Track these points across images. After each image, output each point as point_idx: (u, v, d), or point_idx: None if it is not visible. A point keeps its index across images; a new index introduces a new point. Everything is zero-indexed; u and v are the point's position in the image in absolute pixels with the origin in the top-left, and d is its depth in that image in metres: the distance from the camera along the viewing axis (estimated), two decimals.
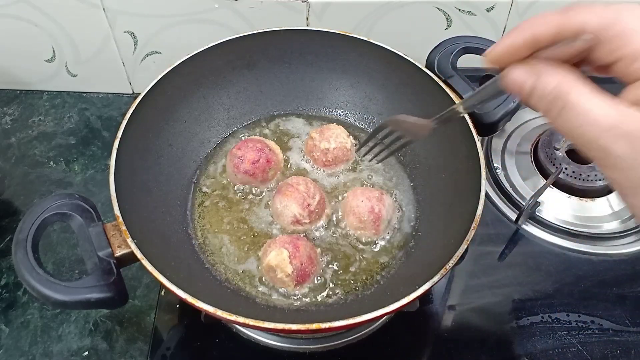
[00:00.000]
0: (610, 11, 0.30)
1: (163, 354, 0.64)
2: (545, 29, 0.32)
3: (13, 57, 0.92)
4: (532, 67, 0.33)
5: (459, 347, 0.65)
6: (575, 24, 0.31)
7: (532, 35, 0.33)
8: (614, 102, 0.31)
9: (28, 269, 0.50)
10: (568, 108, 0.32)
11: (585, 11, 0.31)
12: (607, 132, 0.30)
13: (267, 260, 0.60)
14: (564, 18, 0.32)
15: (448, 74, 0.68)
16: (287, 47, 0.75)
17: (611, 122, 0.30)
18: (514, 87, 0.35)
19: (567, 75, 0.32)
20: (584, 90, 0.31)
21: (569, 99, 0.31)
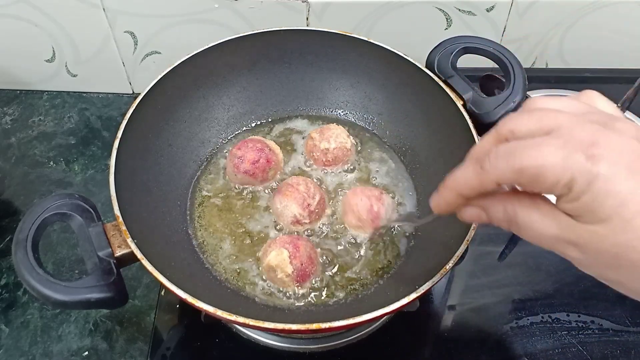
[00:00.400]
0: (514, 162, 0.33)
1: (163, 354, 0.64)
2: (468, 190, 0.37)
3: (13, 57, 0.92)
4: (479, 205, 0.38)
5: (459, 347, 0.65)
6: (490, 183, 0.35)
7: (461, 195, 0.38)
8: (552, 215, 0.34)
9: (28, 269, 0.50)
10: (521, 227, 0.36)
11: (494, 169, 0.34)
12: (556, 240, 0.34)
13: (267, 260, 0.60)
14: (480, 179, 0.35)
15: (448, 74, 0.68)
16: (287, 47, 0.75)
17: (554, 234, 0.34)
18: (473, 220, 0.39)
19: (507, 201, 0.36)
20: (525, 210, 0.35)
21: (517, 221, 0.36)
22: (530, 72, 0.70)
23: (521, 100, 0.66)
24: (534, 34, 0.91)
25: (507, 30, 0.89)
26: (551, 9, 0.87)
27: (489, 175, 0.34)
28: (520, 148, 0.33)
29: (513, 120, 0.35)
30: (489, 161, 0.34)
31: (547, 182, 0.32)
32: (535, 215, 0.35)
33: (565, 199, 0.32)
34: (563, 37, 0.91)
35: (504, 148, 0.34)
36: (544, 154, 0.32)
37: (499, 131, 0.36)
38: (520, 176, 0.33)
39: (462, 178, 0.37)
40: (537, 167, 0.32)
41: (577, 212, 0.33)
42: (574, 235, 0.33)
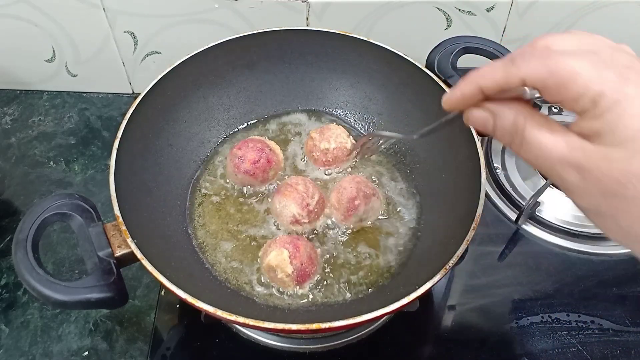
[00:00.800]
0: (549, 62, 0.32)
1: (163, 354, 0.64)
2: (490, 83, 0.36)
3: (13, 57, 0.92)
4: (488, 109, 0.37)
5: (459, 347, 0.65)
6: (516, 78, 0.34)
7: (479, 88, 0.36)
8: (563, 134, 0.34)
9: (28, 269, 0.50)
10: (525, 142, 0.35)
11: (525, 65, 0.33)
12: (559, 162, 0.33)
13: (267, 260, 0.61)
14: (507, 72, 0.34)
15: (448, 74, 0.68)
16: (287, 47, 0.75)
17: (560, 153, 0.33)
18: (478, 125, 0.38)
19: (519, 112, 0.35)
20: (536, 124, 0.34)
21: (525, 134, 0.35)
22: None
23: None
24: (534, 34, 0.91)
25: (507, 30, 0.89)
26: (551, 9, 0.87)
27: (519, 70, 0.33)
28: (558, 54, 0.32)
29: (551, 37, 0.35)
30: (524, 57, 0.33)
31: (575, 90, 0.31)
32: (546, 131, 0.34)
33: (587, 114, 0.32)
34: None
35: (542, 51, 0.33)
36: (581, 63, 0.31)
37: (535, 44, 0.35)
38: (551, 77, 0.32)
39: (489, 69, 0.36)
40: (571, 72, 0.31)
41: (596, 130, 0.32)
42: (582, 156, 0.32)
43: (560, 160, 0.33)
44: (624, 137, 0.30)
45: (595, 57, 0.32)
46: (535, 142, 0.34)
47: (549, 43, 0.34)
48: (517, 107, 0.36)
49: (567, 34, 0.35)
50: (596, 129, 0.32)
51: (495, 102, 0.37)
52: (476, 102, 0.37)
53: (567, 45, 0.34)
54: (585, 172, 0.32)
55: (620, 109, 0.30)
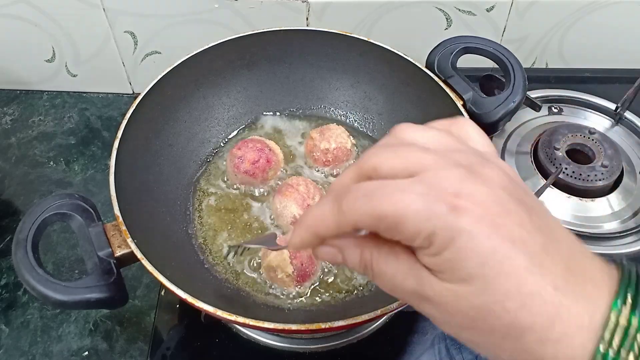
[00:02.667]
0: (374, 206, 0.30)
1: (163, 354, 0.64)
2: (325, 231, 0.33)
3: (13, 57, 0.92)
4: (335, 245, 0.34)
5: (459, 347, 0.65)
6: (347, 226, 0.31)
7: (317, 235, 0.34)
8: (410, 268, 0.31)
9: (28, 269, 0.50)
10: (377, 276, 0.33)
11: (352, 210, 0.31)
12: (412, 295, 0.32)
13: (267, 261, 0.60)
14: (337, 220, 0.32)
15: (448, 74, 0.68)
16: (287, 47, 0.75)
17: (411, 288, 0.31)
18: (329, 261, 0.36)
19: (365, 246, 0.33)
20: (382, 258, 0.32)
21: (374, 270, 0.33)
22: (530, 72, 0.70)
23: (521, 100, 0.66)
24: (534, 34, 0.91)
25: (507, 30, 0.89)
26: (551, 9, 0.87)
27: (347, 217, 0.31)
28: (380, 191, 0.30)
29: (376, 156, 0.32)
30: (347, 202, 0.31)
31: (406, 233, 0.29)
32: (393, 266, 0.32)
33: (425, 252, 0.30)
34: (563, 37, 0.91)
35: (364, 188, 0.31)
36: (406, 202, 0.29)
37: (361, 166, 0.32)
38: (379, 223, 0.30)
39: (319, 218, 0.33)
40: (397, 216, 0.29)
41: (437, 268, 0.30)
42: (431, 292, 0.31)
43: (412, 294, 0.32)
44: (467, 274, 0.29)
45: (422, 187, 0.29)
46: (384, 276, 0.32)
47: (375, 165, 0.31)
48: (362, 241, 0.33)
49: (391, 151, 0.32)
50: (438, 266, 0.30)
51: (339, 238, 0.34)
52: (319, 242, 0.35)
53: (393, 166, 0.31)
54: (438, 306, 0.31)
55: (457, 246, 0.28)
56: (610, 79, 0.93)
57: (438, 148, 0.32)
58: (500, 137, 0.84)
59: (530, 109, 0.81)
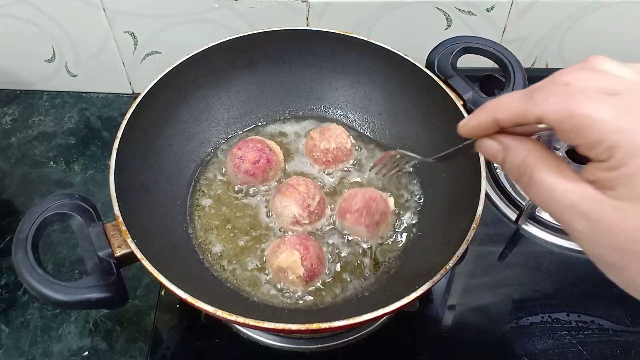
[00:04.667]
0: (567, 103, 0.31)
1: (163, 354, 0.64)
2: (506, 116, 0.34)
3: (13, 57, 0.92)
4: (501, 141, 0.36)
5: (459, 347, 0.65)
6: (532, 115, 0.32)
7: (495, 120, 0.35)
8: (574, 180, 0.32)
9: (28, 269, 0.50)
10: (533, 183, 0.34)
11: (544, 103, 0.32)
12: (568, 209, 0.32)
13: (277, 262, 0.60)
14: (524, 108, 0.33)
15: (448, 74, 0.68)
16: (287, 47, 0.75)
17: (570, 201, 0.32)
18: (488, 156, 0.37)
19: (531, 151, 0.34)
20: (547, 167, 0.33)
21: (534, 176, 0.34)
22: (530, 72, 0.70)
23: None
24: (534, 34, 0.91)
25: (507, 30, 0.89)
26: (551, 9, 0.87)
27: (536, 106, 0.32)
28: (579, 93, 0.31)
29: (573, 73, 0.33)
30: (542, 93, 0.32)
31: (591, 138, 0.30)
32: (556, 176, 0.32)
33: (600, 165, 0.30)
34: (563, 37, 0.91)
35: (564, 89, 0.32)
36: (601, 108, 0.29)
37: (555, 79, 0.33)
38: (568, 120, 0.30)
39: (506, 101, 0.34)
40: (588, 118, 0.29)
41: (609, 183, 0.30)
42: (593, 207, 0.31)
43: (569, 207, 0.32)
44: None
45: (617, 103, 0.30)
46: (543, 185, 0.33)
47: (572, 79, 0.32)
48: (530, 145, 0.35)
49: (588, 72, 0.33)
50: (610, 180, 0.30)
51: (509, 136, 0.36)
52: (490, 132, 0.36)
53: (590, 84, 0.32)
54: (595, 223, 0.31)
55: (637, 163, 0.29)
56: None
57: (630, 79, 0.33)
58: None
59: None
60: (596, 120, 0.29)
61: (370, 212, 0.64)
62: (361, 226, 0.64)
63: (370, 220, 0.64)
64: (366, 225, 0.64)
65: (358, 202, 0.64)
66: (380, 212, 0.64)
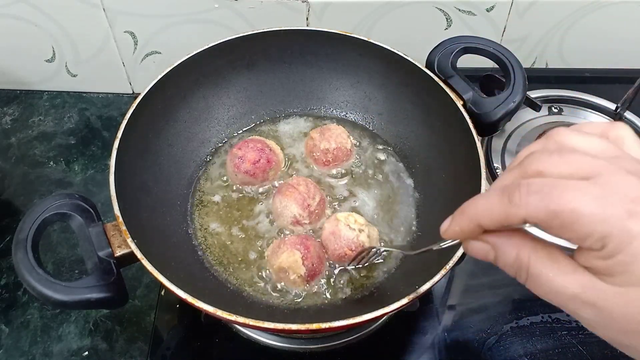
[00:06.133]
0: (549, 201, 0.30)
1: (163, 354, 0.64)
2: (490, 221, 0.34)
3: (13, 57, 0.92)
4: (490, 242, 0.35)
5: (459, 347, 0.65)
6: (517, 218, 0.32)
7: (479, 225, 0.34)
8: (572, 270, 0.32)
9: (28, 269, 0.50)
10: (531, 278, 0.33)
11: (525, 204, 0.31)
12: (572, 300, 0.32)
13: (278, 262, 0.60)
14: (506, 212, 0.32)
15: (448, 74, 0.68)
16: (287, 47, 0.75)
17: (572, 292, 0.31)
18: (478, 257, 0.36)
19: (522, 246, 0.34)
20: (541, 260, 0.33)
21: (530, 271, 0.33)
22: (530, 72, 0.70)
23: (521, 100, 0.66)
24: (534, 34, 0.91)
25: (507, 30, 0.89)
26: (551, 9, 0.87)
27: (518, 210, 0.31)
28: (557, 187, 0.30)
29: (542, 160, 0.32)
30: (520, 195, 0.31)
31: (580, 232, 0.29)
32: (553, 269, 0.32)
33: (594, 254, 0.30)
34: (563, 37, 0.91)
35: (538, 183, 0.31)
36: (583, 201, 0.29)
37: (525, 170, 0.33)
38: (553, 218, 0.30)
39: (485, 208, 0.34)
40: (573, 213, 0.29)
41: (607, 271, 0.30)
42: (596, 296, 0.31)
43: (573, 298, 0.32)
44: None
45: (597, 189, 0.29)
46: (542, 279, 0.32)
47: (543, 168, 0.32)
48: (519, 240, 0.34)
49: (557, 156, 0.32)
50: (608, 268, 0.30)
51: (495, 235, 0.35)
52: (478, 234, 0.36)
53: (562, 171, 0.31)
54: (601, 310, 0.31)
55: (632, 249, 0.29)
56: (610, 79, 0.93)
57: (600, 155, 0.32)
58: (500, 137, 0.84)
59: (530, 109, 0.81)
60: (582, 215, 0.29)
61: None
62: None
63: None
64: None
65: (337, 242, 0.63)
66: None
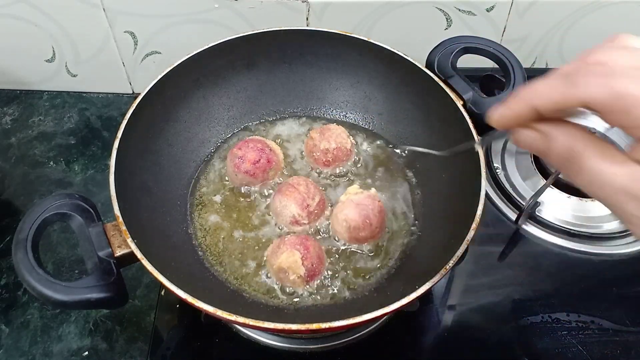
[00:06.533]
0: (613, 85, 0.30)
1: (163, 354, 0.64)
2: (547, 103, 0.33)
3: (13, 57, 0.92)
4: (543, 131, 0.34)
5: (459, 347, 0.65)
6: (576, 100, 0.31)
7: (534, 108, 0.34)
8: (625, 163, 0.32)
9: (28, 269, 0.50)
10: (583, 170, 0.33)
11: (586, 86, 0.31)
12: (619, 192, 0.32)
13: (278, 262, 0.60)
14: (566, 93, 0.32)
15: (448, 74, 0.68)
16: (287, 47, 0.75)
17: (622, 184, 0.31)
18: (529, 148, 0.36)
19: (576, 137, 0.33)
20: (595, 152, 0.32)
21: (582, 162, 0.33)
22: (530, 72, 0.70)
23: None
24: (534, 34, 0.91)
25: (507, 30, 0.89)
26: (551, 9, 0.87)
27: (579, 91, 0.31)
28: (621, 74, 0.30)
29: (606, 53, 0.32)
30: (584, 76, 0.31)
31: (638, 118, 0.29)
32: (606, 161, 0.32)
33: None
34: (563, 37, 0.91)
35: (603, 69, 0.31)
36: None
37: (588, 59, 0.32)
38: (617, 101, 0.30)
39: (544, 89, 0.33)
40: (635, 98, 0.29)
41: None
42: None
43: (621, 190, 0.32)
44: None
45: None
46: (594, 171, 0.32)
47: (606, 59, 0.32)
48: (573, 131, 0.33)
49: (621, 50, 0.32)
50: None
51: (548, 124, 0.34)
52: (529, 121, 0.35)
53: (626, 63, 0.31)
54: None
55: None
56: None
57: None
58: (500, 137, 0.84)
59: None
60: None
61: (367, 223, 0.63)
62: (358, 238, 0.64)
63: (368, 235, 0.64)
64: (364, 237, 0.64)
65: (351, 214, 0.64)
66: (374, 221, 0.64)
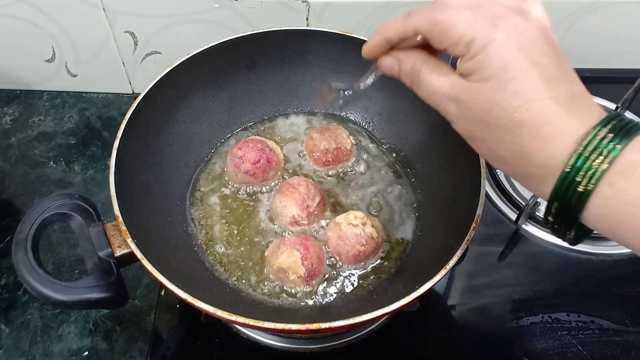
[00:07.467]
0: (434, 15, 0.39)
1: (163, 354, 0.64)
2: (392, 33, 0.43)
3: (13, 57, 0.92)
4: (395, 56, 0.44)
5: (459, 347, 0.65)
6: (410, 29, 0.41)
7: (385, 38, 0.44)
8: (448, 74, 0.41)
9: (28, 269, 0.50)
10: (419, 82, 0.42)
11: (417, 17, 0.41)
12: (442, 96, 0.41)
13: (278, 262, 0.60)
14: (403, 24, 0.42)
15: None
16: (287, 47, 0.75)
17: (444, 89, 0.40)
18: (388, 70, 0.46)
19: (417, 58, 0.43)
20: (429, 68, 0.42)
21: (420, 76, 0.42)
22: None
23: None
24: None
25: None
26: (551, 9, 0.86)
27: (411, 22, 0.41)
28: (443, 7, 0.39)
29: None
30: (415, 12, 0.41)
31: (453, 37, 0.38)
32: (435, 73, 0.41)
33: (463, 57, 0.38)
34: (563, 37, 0.91)
35: (434, 5, 0.40)
36: (459, 15, 0.38)
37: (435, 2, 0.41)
38: (434, 27, 0.39)
39: (391, 22, 0.43)
40: (448, 22, 0.38)
41: (469, 70, 0.38)
42: (458, 91, 0.39)
43: (444, 95, 0.40)
44: (489, 74, 0.37)
45: (475, 10, 0.38)
46: (426, 82, 0.41)
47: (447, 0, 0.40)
48: (416, 53, 0.43)
49: None
50: (469, 68, 0.38)
51: (399, 50, 0.44)
52: (385, 50, 0.45)
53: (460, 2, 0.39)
54: (460, 103, 0.39)
55: (487, 51, 0.37)
56: (610, 79, 0.93)
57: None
58: None
59: None
60: (455, 24, 0.38)
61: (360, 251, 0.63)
62: None
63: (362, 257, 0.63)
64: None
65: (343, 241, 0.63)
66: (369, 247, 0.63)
